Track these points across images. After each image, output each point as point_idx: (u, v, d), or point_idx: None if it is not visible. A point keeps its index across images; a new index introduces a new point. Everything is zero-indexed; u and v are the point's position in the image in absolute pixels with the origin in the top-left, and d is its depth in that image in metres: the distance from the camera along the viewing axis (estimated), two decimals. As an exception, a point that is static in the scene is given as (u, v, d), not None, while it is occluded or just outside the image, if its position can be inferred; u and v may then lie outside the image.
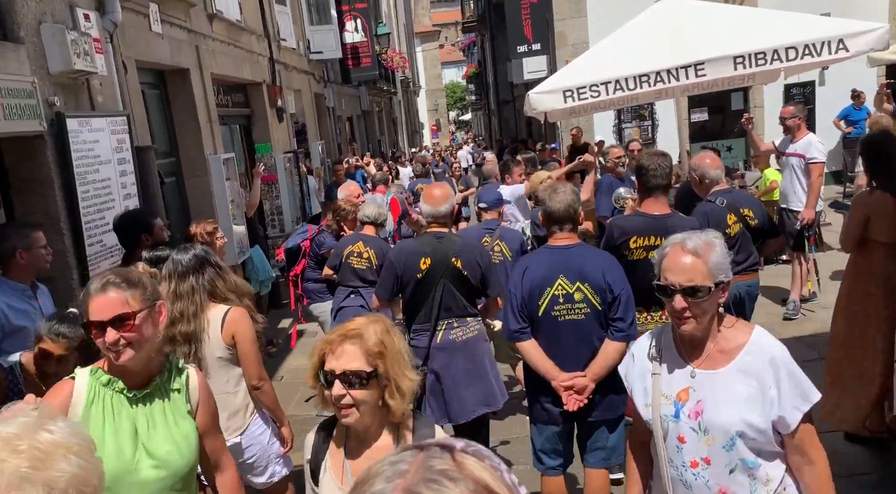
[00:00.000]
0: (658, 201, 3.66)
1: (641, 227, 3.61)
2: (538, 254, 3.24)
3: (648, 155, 3.72)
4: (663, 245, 2.00)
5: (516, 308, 3.07)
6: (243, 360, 2.93)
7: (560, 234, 3.13)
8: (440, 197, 3.58)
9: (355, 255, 4.64)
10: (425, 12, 52.53)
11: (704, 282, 1.87)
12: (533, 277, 3.04)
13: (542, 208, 3.18)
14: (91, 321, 1.86)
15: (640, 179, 3.71)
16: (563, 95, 6.98)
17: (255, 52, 8.21)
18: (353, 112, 18.18)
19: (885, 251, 3.67)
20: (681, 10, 7.45)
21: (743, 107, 13.81)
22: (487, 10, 22.30)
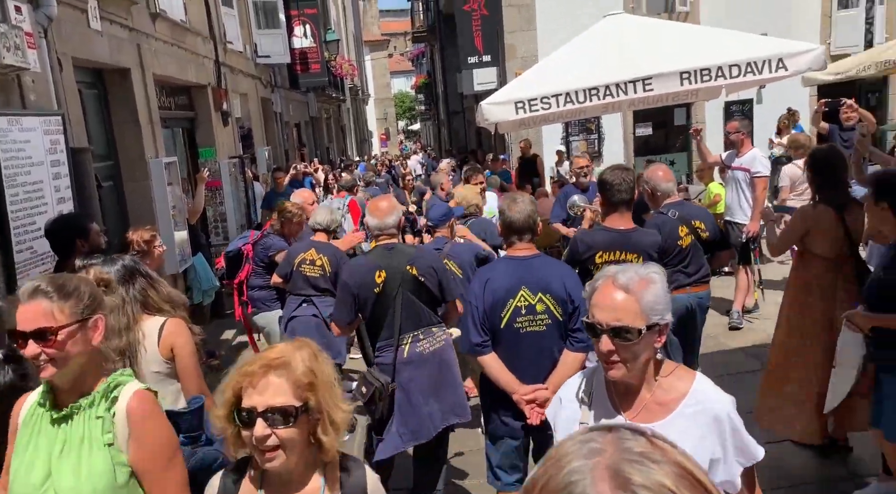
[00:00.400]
0: (622, 215, 3.68)
1: (607, 242, 3.63)
2: (499, 265, 3.20)
3: (611, 170, 3.72)
4: (595, 277, 1.77)
5: (478, 321, 3.01)
6: (183, 374, 2.77)
7: (520, 244, 3.09)
8: (386, 209, 3.51)
9: (308, 262, 4.50)
10: (374, 21, 52.45)
11: (635, 323, 1.64)
12: (495, 288, 2.99)
13: (501, 218, 3.14)
14: (14, 331, 1.70)
15: (603, 193, 3.72)
16: (514, 107, 7.00)
17: (199, 54, 7.96)
18: (301, 118, 17.90)
19: (825, 264, 3.77)
20: (628, 25, 7.61)
21: (685, 122, 14.22)
22: (437, 21, 22.38)
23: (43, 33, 3.94)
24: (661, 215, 4.32)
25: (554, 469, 0.69)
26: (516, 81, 8.25)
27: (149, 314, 2.74)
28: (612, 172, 3.68)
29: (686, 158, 14.43)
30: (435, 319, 3.47)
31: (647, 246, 3.69)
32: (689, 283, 4.28)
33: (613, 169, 3.72)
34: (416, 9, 26.45)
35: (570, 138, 13.44)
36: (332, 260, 4.44)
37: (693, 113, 14.06)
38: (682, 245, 4.24)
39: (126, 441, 1.75)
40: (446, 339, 3.50)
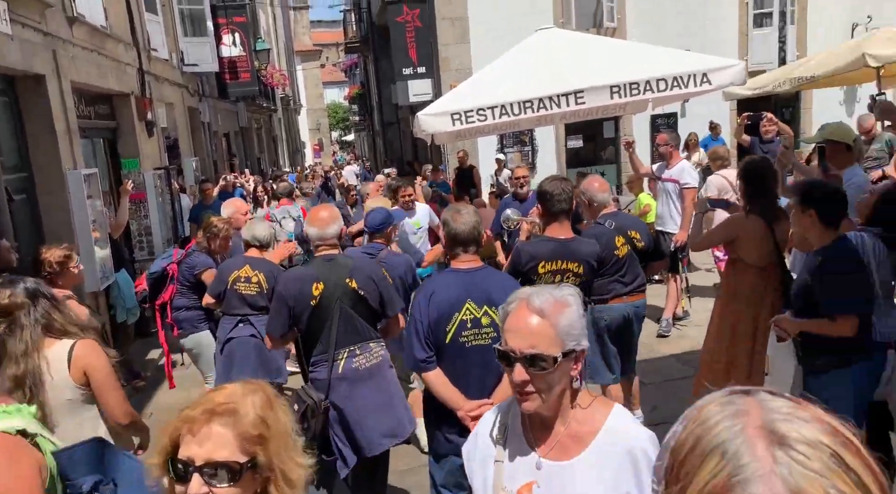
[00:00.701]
0: (562, 225, 3.71)
1: (549, 252, 3.64)
2: (444, 277, 3.14)
3: (550, 180, 3.75)
4: (508, 300, 1.63)
5: (423, 335, 2.94)
6: (103, 396, 2.58)
7: (465, 256, 3.04)
8: (327, 218, 3.40)
9: (242, 280, 4.30)
10: (306, 31, 51.84)
11: (550, 350, 1.51)
12: (440, 302, 2.92)
13: (445, 229, 3.10)
14: None
15: (543, 204, 3.74)
16: (451, 118, 7.00)
17: (121, 61, 7.61)
18: (231, 128, 17.43)
19: (754, 273, 3.89)
20: (560, 40, 7.74)
21: (614, 135, 14.65)
22: (371, 33, 22.28)
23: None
24: (599, 226, 4.38)
25: (700, 430, 0.69)
26: (452, 92, 8.27)
27: (54, 338, 2.55)
28: (551, 182, 3.71)
29: (615, 169, 14.83)
30: (373, 334, 3.38)
31: (586, 255, 3.72)
32: (625, 292, 4.35)
33: (552, 179, 3.74)
34: (348, 20, 26.28)
35: (505, 150, 13.59)
36: (269, 276, 4.27)
37: (621, 126, 14.48)
38: (618, 255, 4.31)
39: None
40: (384, 355, 3.41)
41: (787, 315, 3.25)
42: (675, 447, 0.70)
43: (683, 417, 0.73)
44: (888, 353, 3.30)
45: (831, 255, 3.08)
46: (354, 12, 25.27)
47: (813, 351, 3.15)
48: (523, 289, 1.65)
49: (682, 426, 0.72)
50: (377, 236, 4.55)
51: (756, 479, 0.63)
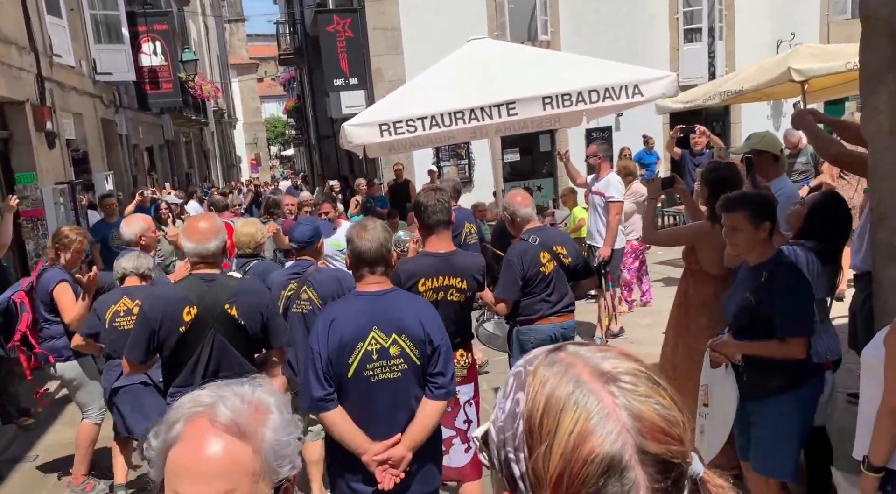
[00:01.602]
0: (441, 238, 3.43)
1: (428, 268, 3.35)
2: (346, 303, 2.75)
3: (424, 191, 3.50)
4: (171, 415, 1.01)
5: (321, 369, 2.54)
6: None
7: (371, 278, 2.68)
8: (206, 231, 2.97)
9: (122, 314, 3.73)
10: (242, 44, 50.79)
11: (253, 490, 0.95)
12: (342, 330, 2.55)
13: (349, 247, 2.73)
14: None
15: (419, 217, 3.46)
16: (379, 129, 6.67)
17: (13, 65, 6.95)
18: (155, 141, 16.60)
19: (715, 282, 3.66)
20: (491, 51, 7.54)
21: (550, 148, 14.57)
22: (304, 44, 21.80)
23: None
24: (523, 242, 4.08)
25: (546, 390, 0.75)
26: (380, 102, 7.93)
27: None
28: (425, 193, 3.46)
29: (552, 183, 14.75)
30: (248, 367, 2.96)
31: (472, 269, 3.44)
32: (553, 312, 4.05)
33: (426, 190, 3.50)
34: (282, 31, 25.71)
35: (441, 164, 13.32)
36: None
37: (557, 139, 14.42)
38: (544, 272, 4.02)
39: None
40: None
41: (726, 337, 3.00)
42: (528, 412, 0.75)
43: (514, 385, 0.78)
44: (825, 374, 3.10)
45: (779, 270, 2.84)
46: (289, 24, 24.74)
47: (761, 374, 2.89)
48: (192, 394, 1.01)
49: (519, 393, 0.77)
50: (305, 252, 4.11)
51: (606, 416, 0.71)
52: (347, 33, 12.80)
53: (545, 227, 4.63)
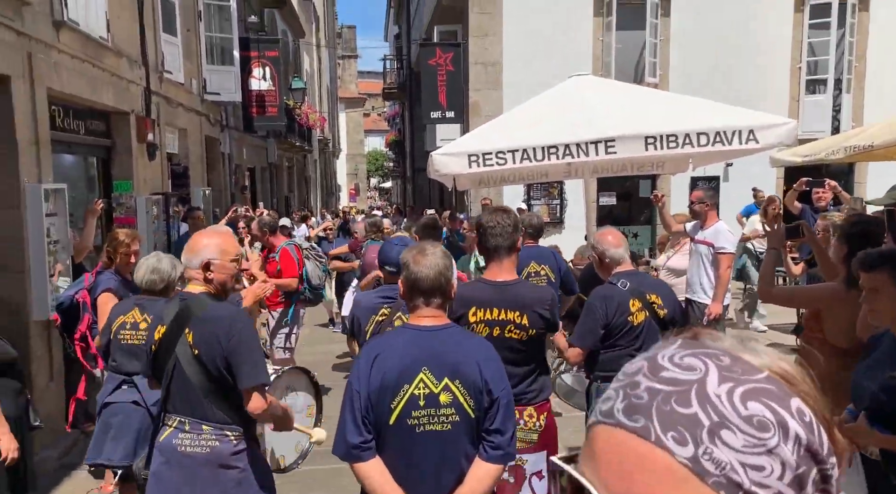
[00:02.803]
0: (501, 265, 3.03)
1: (482, 296, 2.96)
2: (393, 336, 2.40)
3: (488, 212, 3.13)
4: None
5: (359, 412, 2.19)
6: None
7: (425, 310, 2.32)
8: (194, 245, 2.74)
9: (128, 327, 3.50)
10: (352, 79, 52.91)
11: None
12: (386, 368, 2.20)
13: (404, 274, 2.39)
14: None
15: (479, 241, 3.13)
16: (467, 160, 6.38)
17: (123, 77, 7.21)
18: (258, 163, 17.18)
19: (843, 358, 3.05)
20: (594, 86, 7.14)
21: (650, 195, 13.87)
22: (408, 79, 22.22)
23: None
24: (610, 286, 3.60)
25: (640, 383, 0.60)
26: (472, 133, 7.70)
27: None
28: (488, 214, 3.10)
29: (650, 231, 14.00)
30: (212, 413, 2.60)
31: (532, 302, 2.98)
32: (644, 371, 3.53)
33: (491, 211, 3.13)
34: (389, 67, 26.44)
35: (531, 201, 12.93)
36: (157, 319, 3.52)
37: (659, 186, 13.71)
38: (632, 322, 3.51)
39: None
40: (222, 449, 2.62)
41: (862, 423, 2.41)
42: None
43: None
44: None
45: None
46: (396, 59, 25.38)
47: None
48: None
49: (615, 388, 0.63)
50: (396, 276, 3.79)
51: None
52: (448, 67, 12.79)
53: (638, 272, 4.13)
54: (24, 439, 3.48)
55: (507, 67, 12.76)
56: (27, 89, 5.00)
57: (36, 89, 5.12)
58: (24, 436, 3.50)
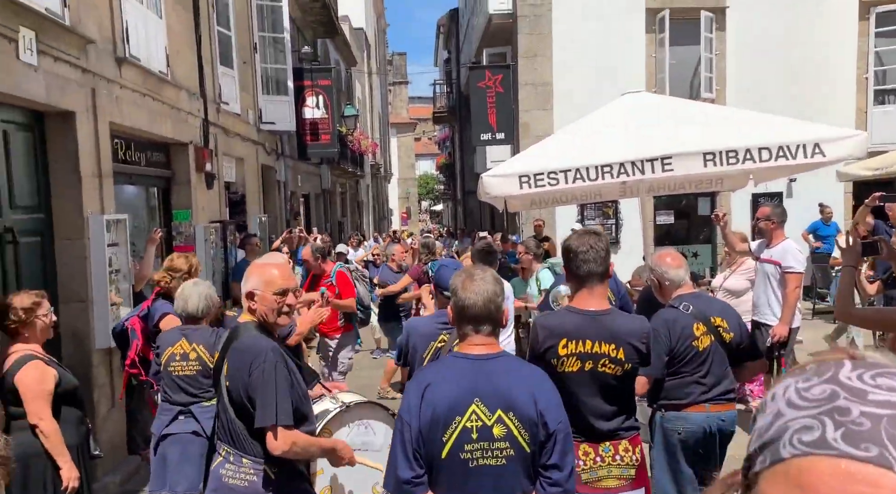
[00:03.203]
0: (593, 292, 2.83)
1: (573, 327, 2.77)
2: (443, 366, 2.31)
3: (577, 235, 2.92)
4: None
5: (410, 446, 2.11)
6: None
7: (475, 338, 2.23)
8: (247, 272, 2.74)
9: (178, 358, 3.53)
10: (403, 105, 53.70)
11: None
12: (437, 400, 2.12)
13: (453, 300, 2.31)
14: None
15: (567, 265, 2.90)
16: (518, 181, 6.28)
17: (182, 109, 7.43)
18: (312, 190, 17.47)
19: None
20: (648, 103, 6.96)
21: (710, 213, 13.45)
22: (458, 102, 22.35)
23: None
24: (672, 309, 3.43)
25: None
26: (522, 153, 7.60)
27: None
28: (577, 237, 2.88)
29: (710, 250, 13.55)
30: (251, 447, 2.55)
31: (628, 334, 2.79)
32: (707, 399, 3.33)
33: (580, 234, 2.92)
34: (439, 91, 26.70)
35: (585, 222, 12.69)
36: (210, 346, 3.50)
37: (718, 204, 13.29)
38: (697, 347, 3.33)
39: None
40: (259, 481, 2.55)
41: None
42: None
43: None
44: None
45: None
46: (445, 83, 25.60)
47: None
48: None
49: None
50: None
51: None
52: (498, 89, 12.78)
53: (701, 294, 3.94)
54: (85, 467, 3.52)
55: (558, 87, 12.66)
56: (91, 124, 5.18)
57: (99, 124, 5.30)
58: (86, 465, 3.54)
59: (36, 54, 4.38)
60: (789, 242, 5.51)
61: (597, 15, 12.46)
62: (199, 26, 8.05)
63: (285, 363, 2.55)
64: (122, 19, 5.81)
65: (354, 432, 3.41)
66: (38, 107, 4.66)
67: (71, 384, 3.44)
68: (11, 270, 4.49)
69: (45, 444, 3.22)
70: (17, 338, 3.37)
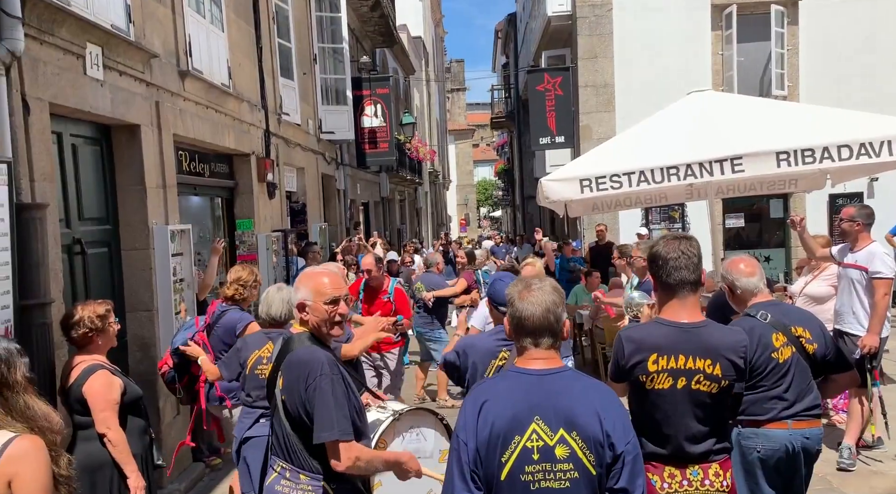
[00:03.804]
0: (685, 303, 2.60)
1: (665, 340, 2.55)
2: (502, 381, 2.16)
3: (666, 240, 2.68)
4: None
5: (467, 466, 1.99)
6: None
7: (534, 352, 2.09)
8: (297, 284, 2.66)
9: (265, 361, 3.56)
10: (461, 112, 53.86)
11: None
12: (494, 417, 1.99)
13: (509, 311, 2.17)
14: None
15: (655, 274, 2.68)
16: (579, 185, 6.10)
17: (244, 120, 7.56)
18: (371, 198, 17.62)
19: None
20: (716, 102, 6.66)
21: (782, 215, 12.84)
22: (517, 107, 22.17)
23: (4, 71, 3.42)
24: (749, 319, 3.19)
25: None
26: (583, 157, 7.39)
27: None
28: (666, 243, 2.65)
29: (784, 254, 12.93)
30: (308, 463, 2.46)
31: (726, 348, 2.55)
32: (790, 415, 3.07)
33: (668, 239, 2.68)
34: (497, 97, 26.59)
35: (650, 226, 12.31)
36: None
37: (791, 206, 12.69)
38: (777, 359, 3.08)
39: None
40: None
41: None
42: None
43: None
44: None
45: None
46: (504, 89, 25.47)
47: None
48: None
49: None
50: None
51: None
52: (557, 91, 12.58)
53: (780, 302, 3.67)
54: (149, 476, 3.55)
55: (619, 89, 12.35)
56: (155, 136, 5.30)
57: (163, 136, 5.41)
58: (149, 474, 3.57)
59: (102, 69, 4.49)
60: (876, 245, 5.13)
61: (659, 13, 12.10)
62: (260, 39, 8.20)
63: (342, 375, 2.47)
64: (185, 33, 5.94)
65: (407, 440, 3.33)
66: (105, 121, 4.79)
67: (136, 393, 3.47)
68: (80, 280, 4.60)
69: (113, 453, 3.25)
70: (85, 348, 3.43)
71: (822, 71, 12.07)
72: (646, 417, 2.58)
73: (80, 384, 3.26)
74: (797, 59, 12.32)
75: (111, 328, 3.49)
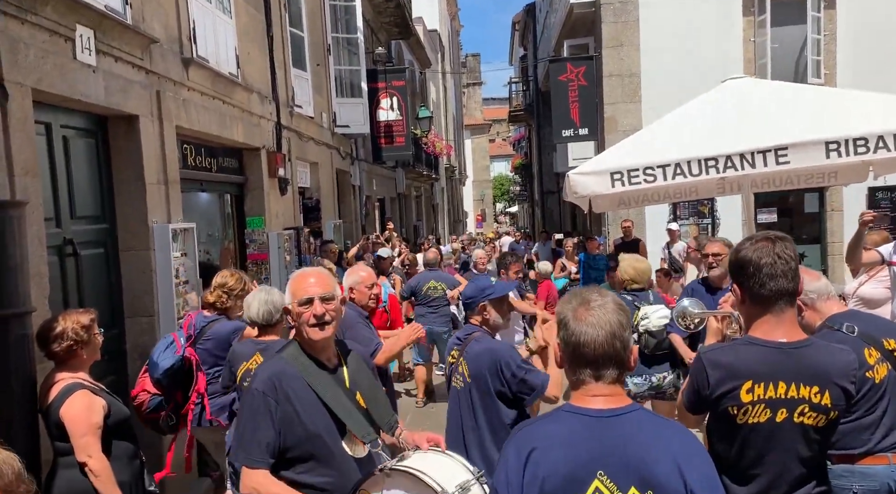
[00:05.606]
0: (782, 318, 2.14)
1: (762, 365, 2.08)
2: (554, 424, 1.68)
3: (755, 242, 2.20)
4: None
5: None
6: None
7: (594, 387, 1.66)
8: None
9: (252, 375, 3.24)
10: (477, 107, 53.29)
11: None
12: (546, 473, 1.58)
13: (562, 335, 1.73)
14: None
15: (742, 283, 2.20)
16: (610, 178, 5.66)
17: (254, 113, 7.16)
18: (387, 194, 17.21)
19: None
20: (756, 88, 6.17)
21: (818, 209, 12.25)
22: (535, 100, 21.64)
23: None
24: (833, 332, 2.71)
25: None
26: (612, 149, 6.91)
27: None
28: (757, 245, 2.17)
29: (819, 251, 12.33)
30: None
31: (835, 372, 2.08)
32: (890, 446, 2.60)
33: (759, 240, 2.19)
34: (515, 90, 26.05)
35: (678, 222, 11.77)
36: None
37: (828, 199, 12.11)
38: (874, 378, 2.60)
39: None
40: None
41: None
42: None
43: None
44: None
45: None
46: (521, 81, 24.94)
47: None
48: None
49: None
50: (471, 315, 3.24)
51: None
52: (581, 82, 12.05)
53: (859, 312, 3.20)
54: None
55: (646, 78, 11.81)
56: (156, 128, 4.91)
57: (165, 127, 5.02)
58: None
59: (95, 54, 4.10)
60: (949, 242, 4.62)
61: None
62: (271, 26, 7.80)
63: (286, 394, 2.20)
64: (188, 18, 5.54)
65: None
66: (99, 110, 4.40)
67: (121, 414, 3.08)
68: (73, 284, 4.22)
69: (95, 484, 2.87)
70: (67, 364, 3.05)
71: (862, 58, 11.44)
72: (733, 456, 2.13)
73: (58, 407, 2.88)
74: (834, 45, 11.71)
75: (96, 340, 3.12)
